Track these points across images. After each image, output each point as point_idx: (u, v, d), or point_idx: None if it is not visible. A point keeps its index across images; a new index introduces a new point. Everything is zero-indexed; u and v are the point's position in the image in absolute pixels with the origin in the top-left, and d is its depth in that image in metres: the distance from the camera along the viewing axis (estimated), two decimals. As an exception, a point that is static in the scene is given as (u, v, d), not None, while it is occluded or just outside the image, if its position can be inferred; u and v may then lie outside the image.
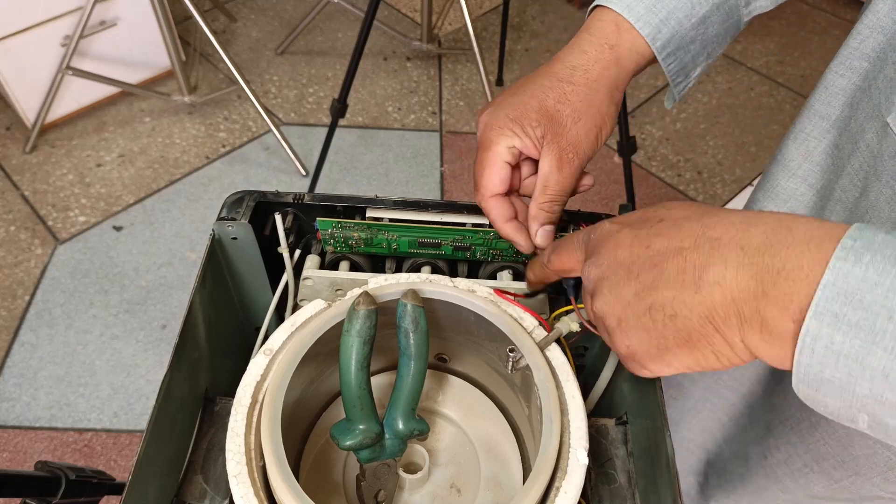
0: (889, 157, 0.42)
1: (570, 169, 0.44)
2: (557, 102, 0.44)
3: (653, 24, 0.45)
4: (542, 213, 0.45)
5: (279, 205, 0.53)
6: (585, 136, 0.44)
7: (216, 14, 2.21)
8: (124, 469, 1.26)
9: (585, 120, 0.44)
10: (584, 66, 0.45)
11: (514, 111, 0.44)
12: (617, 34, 0.45)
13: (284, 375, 0.40)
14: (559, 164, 0.44)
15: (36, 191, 1.69)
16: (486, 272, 0.53)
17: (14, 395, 1.35)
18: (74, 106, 1.82)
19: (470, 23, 1.70)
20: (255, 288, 0.57)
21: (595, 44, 0.45)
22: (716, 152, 1.92)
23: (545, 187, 0.44)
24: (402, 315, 0.41)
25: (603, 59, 0.45)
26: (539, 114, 0.43)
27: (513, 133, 0.44)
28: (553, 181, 0.44)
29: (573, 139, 0.44)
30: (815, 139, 0.53)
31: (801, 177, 0.55)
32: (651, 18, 0.45)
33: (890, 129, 0.41)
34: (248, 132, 1.87)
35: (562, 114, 0.44)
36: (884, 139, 0.42)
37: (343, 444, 0.41)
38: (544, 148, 0.44)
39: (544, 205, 0.45)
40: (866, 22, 0.46)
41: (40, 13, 1.61)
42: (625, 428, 0.47)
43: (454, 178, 1.81)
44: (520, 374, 0.44)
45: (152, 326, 1.47)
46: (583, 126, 0.44)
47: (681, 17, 0.45)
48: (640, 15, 0.44)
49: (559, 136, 0.44)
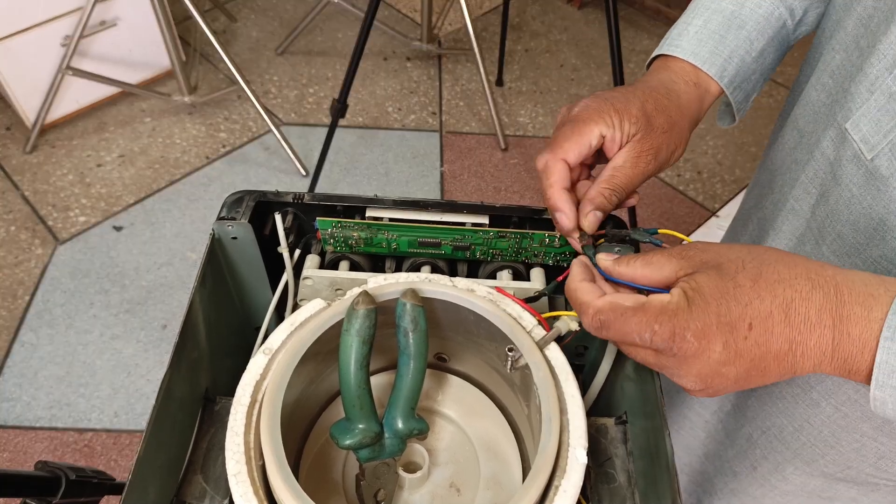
0: (848, 161, 0.44)
1: (643, 169, 0.46)
2: (655, 110, 0.46)
3: (718, 65, 0.50)
4: (601, 197, 0.45)
5: (279, 204, 0.53)
6: (665, 148, 0.46)
7: (216, 14, 2.21)
8: (124, 469, 1.26)
9: (669, 136, 0.47)
10: (677, 92, 0.49)
11: (620, 103, 0.45)
12: (695, 73, 0.50)
13: (284, 375, 0.40)
14: (635, 161, 0.45)
15: (36, 191, 1.69)
16: (485, 272, 0.54)
17: (14, 395, 1.35)
18: (75, 106, 1.82)
19: (470, 23, 1.70)
20: (255, 287, 0.57)
21: (681, 80, 0.50)
22: (716, 152, 1.92)
23: (613, 176, 0.45)
24: (402, 314, 0.41)
25: (689, 93, 0.49)
26: (640, 112, 0.45)
27: (611, 122, 0.45)
28: (624, 173, 0.45)
29: (656, 145, 0.46)
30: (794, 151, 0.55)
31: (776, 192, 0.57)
32: (716, 60, 0.50)
33: (848, 135, 0.43)
34: (248, 132, 1.87)
35: (656, 120, 0.46)
36: (841, 146, 0.44)
37: (342, 443, 0.41)
38: (629, 144, 0.45)
39: (605, 190, 0.45)
40: (837, 38, 0.48)
41: (40, 13, 1.61)
42: (624, 427, 0.47)
43: (454, 178, 1.81)
44: (519, 374, 0.44)
45: (152, 326, 1.47)
46: (667, 139, 0.46)
47: (742, 53, 0.50)
48: (706, 59, 0.50)
49: (647, 138, 0.45)
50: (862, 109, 0.42)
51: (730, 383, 0.35)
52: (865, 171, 0.42)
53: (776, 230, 0.54)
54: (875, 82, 0.41)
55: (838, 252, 0.46)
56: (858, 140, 0.43)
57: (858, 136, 0.43)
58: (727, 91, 0.51)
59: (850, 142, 0.43)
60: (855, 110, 0.43)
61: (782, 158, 0.55)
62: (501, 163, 1.85)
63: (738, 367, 0.34)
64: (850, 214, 0.44)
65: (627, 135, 0.45)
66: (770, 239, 0.55)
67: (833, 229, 0.46)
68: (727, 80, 0.50)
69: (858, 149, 0.43)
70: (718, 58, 0.50)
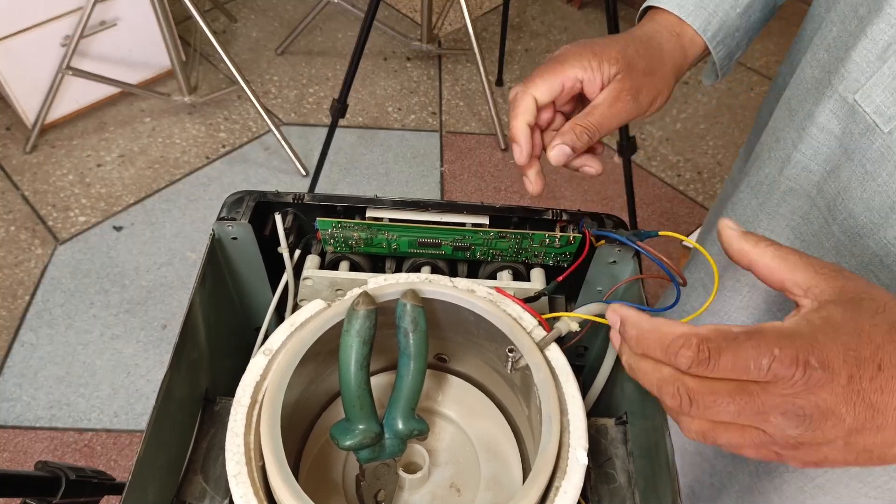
0: (860, 135, 0.42)
1: (621, 109, 0.46)
2: (636, 55, 0.47)
3: (703, 18, 0.50)
4: (571, 133, 0.45)
5: (279, 205, 0.53)
6: (646, 91, 0.47)
7: (216, 14, 2.21)
8: (124, 469, 1.26)
9: (651, 79, 0.47)
10: (659, 41, 0.49)
11: (599, 47, 0.46)
12: (680, 25, 0.50)
13: (284, 375, 0.40)
14: (614, 100, 0.45)
15: (36, 191, 1.69)
16: (485, 272, 0.53)
17: (14, 395, 1.35)
18: (74, 106, 1.82)
19: (470, 23, 1.70)
20: (255, 288, 0.57)
21: (664, 30, 0.50)
22: (715, 152, 1.92)
23: (589, 113, 0.45)
24: (402, 315, 0.41)
25: (671, 42, 0.50)
26: (620, 55, 0.46)
27: (589, 65, 0.45)
28: (600, 111, 0.45)
29: (637, 86, 0.46)
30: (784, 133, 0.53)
31: None
32: (700, 13, 0.50)
33: (859, 107, 0.41)
34: (248, 132, 1.87)
35: (637, 64, 0.46)
36: (850, 119, 0.42)
37: (343, 443, 0.41)
38: (609, 85, 0.46)
39: (577, 127, 0.45)
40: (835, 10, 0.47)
41: (40, 13, 1.61)
42: (624, 428, 0.47)
43: (454, 179, 1.81)
44: (519, 374, 0.44)
45: (152, 326, 1.47)
46: (648, 81, 0.47)
47: (727, 8, 0.50)
48: (691, 11, 0.50)
49: (627, 78, 0.46)
50: (873, 79, 0.40)
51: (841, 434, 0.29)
52: (881, 145, 0.40)
53: (770, 214, 0.52)
54: (888, 49, 0.39)
55: (850, 232, 0.44)
56: (871, 112, 0.40)
57: (871, 107, 0.40)
58: (710, 45, 0.51)
59: (861, 114, 0.41)
60: (864, 80, 0.41)
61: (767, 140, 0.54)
62: (501, 163, 1.85)
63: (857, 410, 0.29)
64: (864, 192, 0.42)
65: (608, 76, 0.45)
66: (765, 223, 0.52)
67: (845, 208, 0.44)
68: (710, 34, 0.50)
69: (872, 121, 0.40)
70: (703, 11, 0.50)
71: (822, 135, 0.45)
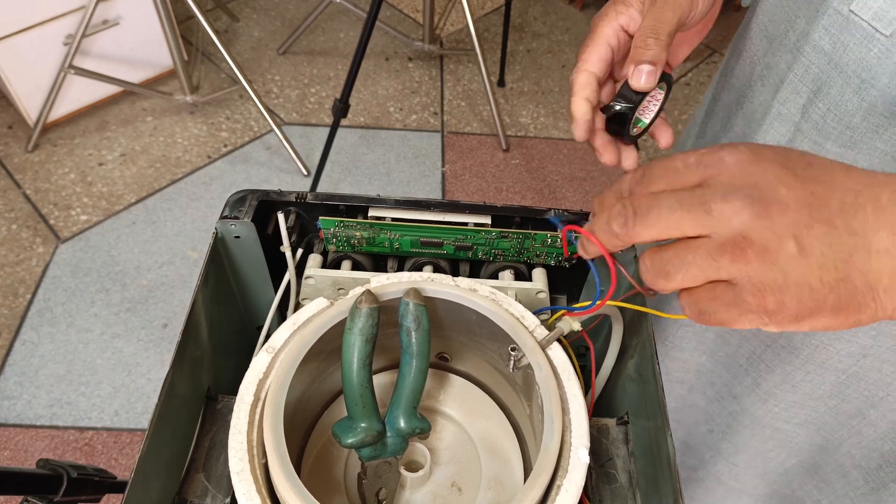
0: (856, 45, 0.43)
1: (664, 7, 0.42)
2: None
3: None
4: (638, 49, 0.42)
5: (282, 204, 0.53)
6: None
7: (218, 13, 2.21)
8: (125, 468, 1.26)
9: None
10: None
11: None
12: None
13: (287, 373, 0.40)
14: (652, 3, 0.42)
15: (38, 189, 1.69)
16: (487, 272, 0.54)
17: (15, 394, 1.35)
18: (76, 105, 1.83)
19: (472, 23, 1.70)
20: (258, 286, 0.57)
21: None
22: (717, 154, 1.92)
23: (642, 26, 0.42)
24: (404, 314, 0.41)
25: None
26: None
27: (616, 12, 0.43)
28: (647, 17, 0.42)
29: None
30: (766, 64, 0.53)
31: None
32: None
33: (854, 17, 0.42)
34: (249, 132, 1.88)
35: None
36: (844, 32, 0.43)
37: (345, 442, 0.41)
38: None
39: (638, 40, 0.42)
40: None
41: (43, 12, 1.61)
42: (626, 428, 0.47)
43: (455, 179, 1.81)
44: (521, 373, 0.44)
45: (153, 325, 1.47)
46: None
47: None
48: None
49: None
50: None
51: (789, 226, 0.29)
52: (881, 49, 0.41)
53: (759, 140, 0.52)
54: None
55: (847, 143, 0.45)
56: (869, 19, 0.41)
57: (868, 14, 0.41)
58: None
59: (857, 25, 0.42)
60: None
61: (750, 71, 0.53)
62: (503, 163, 1.85)
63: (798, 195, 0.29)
64: (862, 101, 0.43)
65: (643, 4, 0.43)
66: None
67: (840, 121, 0.45)
68: None
69: (871, 28, 0.42)
70: None
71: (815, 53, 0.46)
